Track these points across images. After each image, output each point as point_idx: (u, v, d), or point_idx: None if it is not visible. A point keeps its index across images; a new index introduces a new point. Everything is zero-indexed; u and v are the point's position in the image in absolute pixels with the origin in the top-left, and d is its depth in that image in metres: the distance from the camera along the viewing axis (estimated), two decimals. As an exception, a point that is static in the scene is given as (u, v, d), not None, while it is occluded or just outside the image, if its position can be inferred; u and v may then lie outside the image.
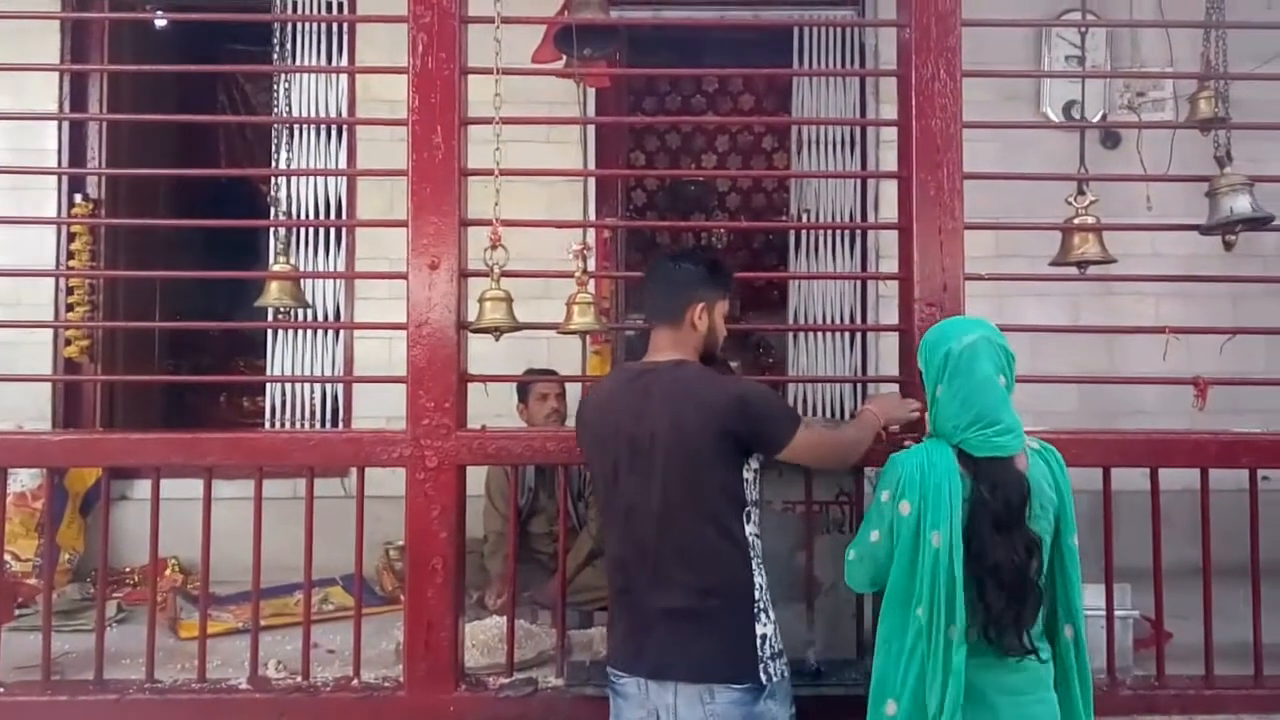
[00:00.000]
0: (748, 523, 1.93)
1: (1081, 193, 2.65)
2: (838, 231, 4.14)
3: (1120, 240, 3.62)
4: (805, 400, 4.15)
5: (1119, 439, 2.56)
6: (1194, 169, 2.82)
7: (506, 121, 2.51)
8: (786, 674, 1.92)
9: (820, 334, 4.12)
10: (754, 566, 1.91)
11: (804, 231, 4.17)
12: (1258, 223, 2.50)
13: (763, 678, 1.84)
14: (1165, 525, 2.55)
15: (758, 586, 1.90)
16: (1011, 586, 1.75)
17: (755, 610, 1.88)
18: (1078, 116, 4.05)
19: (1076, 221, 2.62)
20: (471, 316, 2.50)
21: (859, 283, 4.13)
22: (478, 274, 2.50)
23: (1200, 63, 2.75)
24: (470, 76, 2.57)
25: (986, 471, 1.78)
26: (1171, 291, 3.97)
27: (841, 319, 4.10)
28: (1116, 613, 2.50)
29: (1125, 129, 4.01)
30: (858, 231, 4.13)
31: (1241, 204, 2.47)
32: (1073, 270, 2.79)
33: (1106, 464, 2.51)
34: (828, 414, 4.06)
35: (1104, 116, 4.12)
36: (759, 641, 1.86)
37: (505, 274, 2.44)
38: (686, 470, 1.87)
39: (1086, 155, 4.20)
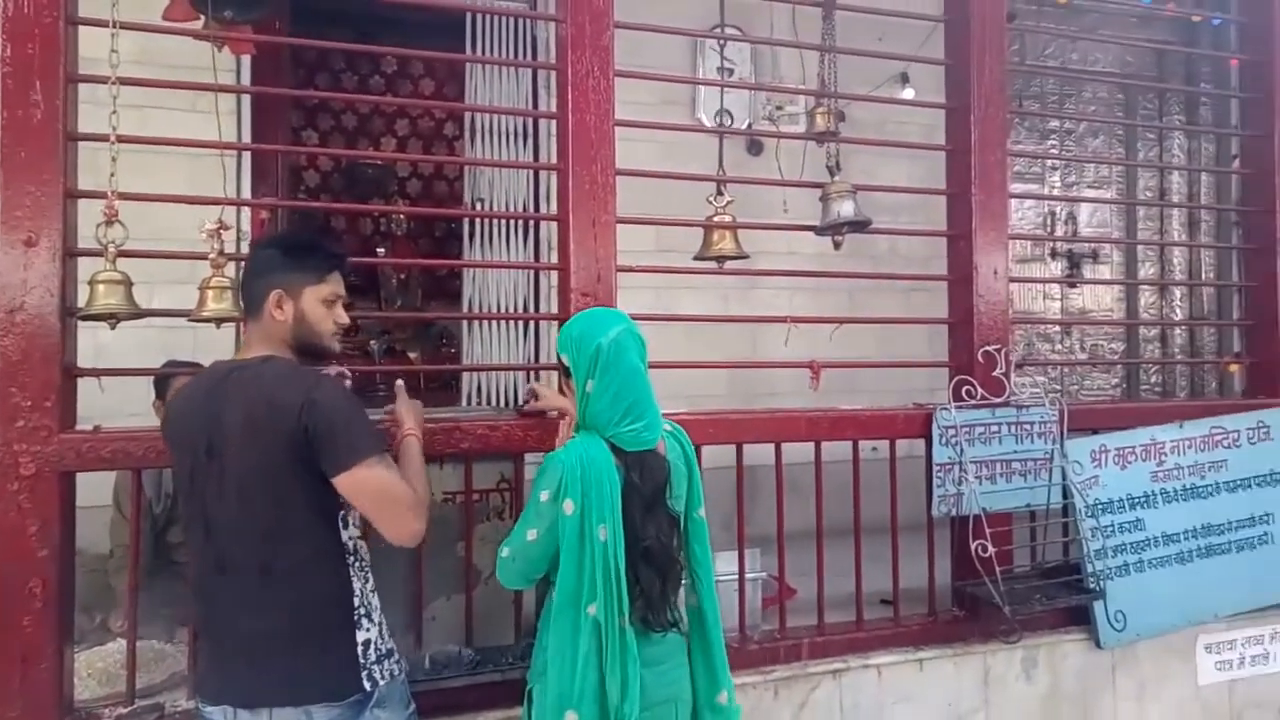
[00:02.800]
0: (345, 527, 1.79)
1: (720, 193, 2.88)
2: (512, 222, 4.16)
3: (760, 240, 4.00)
4: (480, 389, 4.14)
5: (749, 418, 2.82)
6: (823, 177, 3.16)
7: (125, 82, 2.24)
8: (398, 673, 1.83)
9: (495, 323, 4.12)
10: (352, 572, 1.79)
11: (479, 221, 4.15)
12: (859, 225, 2.87)
13: (367, 685, 1.74)
14: (793, 494, 2.86)
15: (356, 593, 1.78)
16: (661, 564, 1.84)
17: (355, 618, 1.76)
18: (726, 124, 4.41)
19: (715, 220, 2.84)
20: (82, 301, 2.20)
21: (532, 273, 4.20)
22: (89, 253, 2.21)
23: (817, 82, 3.09)
24: (88, 29, 2.27)
25: (635, 460, 1.85)
26: (803, 286, 4.45)
27: (515, 308, 4.14)
28: (747, 575, 2.76)
29: (767, 138, 4.42)
30: (531, 222, 4.19)
31: (847, 208, 2.82)
32: (720, 264, 3.04)
33: (739, 440, 2.75)
34: (501, 402, 4.09)
35: (749, 125, 4.51)
36: (360, 649, 1.75)
37: (123, 254, 2.19)
38: (264, 477, 1.71)
39: (735, 161, 4.62)
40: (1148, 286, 5.31)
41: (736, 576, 2.72)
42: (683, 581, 1.96)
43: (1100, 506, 2.94)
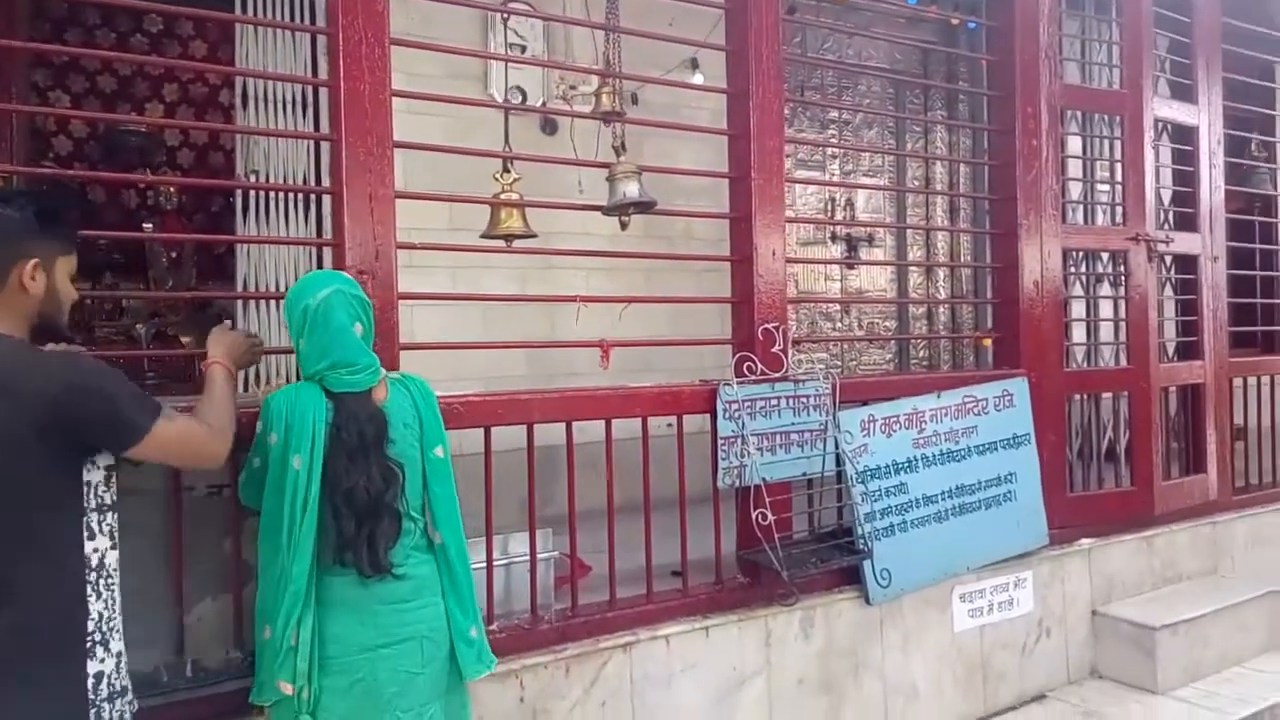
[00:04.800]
0: (91, 537, 1.60)
1: (506, 170, 2.83)
2: (292, 196, 3.91)
3: (556, 220, 3.98)
4: (260, 373, 3.88)
5: (539, 397, 2.79)
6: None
7: None
8: (129, 713, 1.65)
9: (273, 304, 3.86)
10: (90, 591, 1.59)
11: (254, 195, 3.87)
12: (644, 206, 2.90)
13: None
14: (592, 472, 2.85)
15: (93, 617, 1.58)
16: (363, 512, 1.94)
17: (89, 645, 1.57)
18: (518, 101, 4.36)
19: (502, 198, 2.79)
20: None
21: (314, 250, 3.96)
22: None
23: (602, 62, 3.10)
24: None
25: (344, 405, 1.98)
26: (600, 266, 4.49)
27: (297, 288, 3.89)
28: (540, 555, 2.75)
29: (560, 116, 4.40)
30: (313, 197, 3.96)
31: (632, 189, 2.84)
32: (508, 243, 2.99)
33: (529, 420, 2.72)
34: (283, 382, 3.84)
35: (543, 104, 4.48)
36: (91, 683, 1.56)
37: None
38: None
39: (530, 140, 4.56)
40: (916, 268, 5.75)
41: (528, 558, 2.70)
42: (414, 525, 2.05)
43: (869, 472, 3.15)
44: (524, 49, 4.37)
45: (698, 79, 4.67)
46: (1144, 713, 3.27)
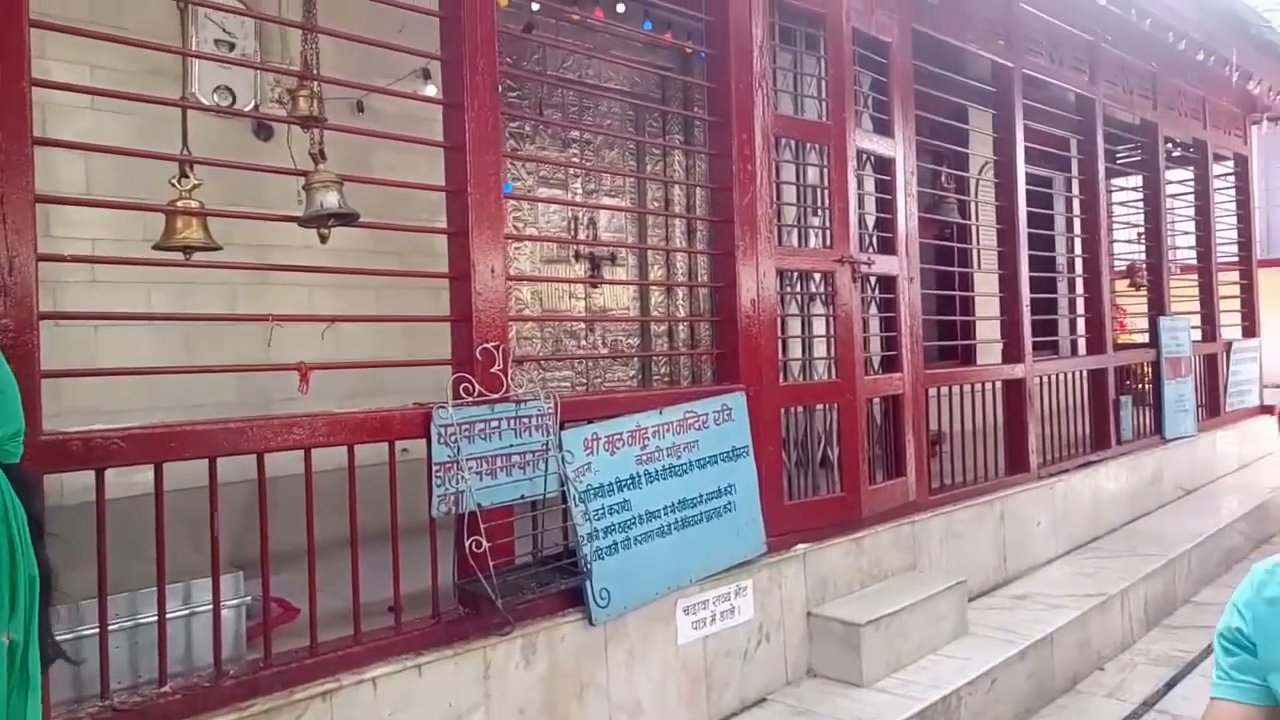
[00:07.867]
0: None
1: (185, 175, 2.56)
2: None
3: (274, 233, 3.70)
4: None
5: (219, 429, 2.48)
6: (349, 166, 2.95)
7: None
8: None
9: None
10: None
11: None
12: (346, 218, 2.73)
13: None
14: (323, 503, 2.64)
15: None
16: (45, 595, 1.68)
17: None
18: (229, 103, 4.02)
19: (180, 204, 2.52)
20: None
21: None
22: None
23: (300, 63, 2.90)
24: None
25: (18, 479, 1.66)
26: (327, 284, 4.23)
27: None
28: (228, 602, 2.49)
29: (277, 122, 4.10)
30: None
31: (330, 199, 2.66)
32: (187, 255, 2.71)
33: (211, 454, 2.45)
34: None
35: (256, 107, 4.16)
36: None
37: None
38: None
39: (242, 145, 4.22)
40: (657, 287, 5.89)
41: (210, 607, 2.43)
42: None
43: (592, 491, 3.14)
44: (232, 47, 4.03)
45: (430, 90, 4.52)
46: (850, 706, 3.47)
